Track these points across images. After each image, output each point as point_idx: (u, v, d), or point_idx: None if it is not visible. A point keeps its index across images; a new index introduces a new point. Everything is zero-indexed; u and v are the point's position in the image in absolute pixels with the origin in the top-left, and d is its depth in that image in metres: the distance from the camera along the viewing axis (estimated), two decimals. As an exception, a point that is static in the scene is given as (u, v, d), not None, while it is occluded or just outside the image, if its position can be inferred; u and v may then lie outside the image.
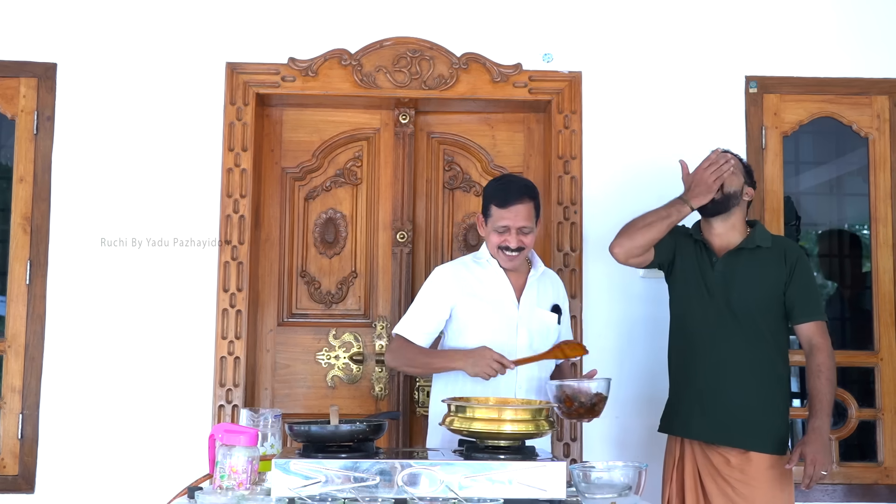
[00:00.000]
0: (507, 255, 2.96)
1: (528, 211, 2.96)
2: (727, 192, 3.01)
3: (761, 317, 2.99)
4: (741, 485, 2.94)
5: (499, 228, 2.95)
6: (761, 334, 2.99)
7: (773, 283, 3.01)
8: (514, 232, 2.93)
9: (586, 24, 3.83)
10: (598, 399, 2.73)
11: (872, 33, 3.86)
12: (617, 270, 3.70)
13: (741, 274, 3.01)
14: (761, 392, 2.98)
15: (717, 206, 3.02)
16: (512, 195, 2.95)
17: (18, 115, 3.69)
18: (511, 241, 2.94)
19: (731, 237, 3.06)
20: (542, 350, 2.96)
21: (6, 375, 3.60)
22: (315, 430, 2.34)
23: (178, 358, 3.62)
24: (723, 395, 2.97)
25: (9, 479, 3.57)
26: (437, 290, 3.02)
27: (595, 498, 2.29)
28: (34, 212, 3.65)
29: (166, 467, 3.48)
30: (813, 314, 3.01)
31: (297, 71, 3.74)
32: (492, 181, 3.16)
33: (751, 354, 2.98)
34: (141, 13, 3.74)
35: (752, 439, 2.95)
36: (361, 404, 3.77)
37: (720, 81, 3.81)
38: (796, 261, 3.02)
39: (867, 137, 3.84)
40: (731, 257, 3.03)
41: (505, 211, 2.94)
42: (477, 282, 3.01)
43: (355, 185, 3.90)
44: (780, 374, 3.02)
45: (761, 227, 3.12)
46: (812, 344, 2.99)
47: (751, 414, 2.96)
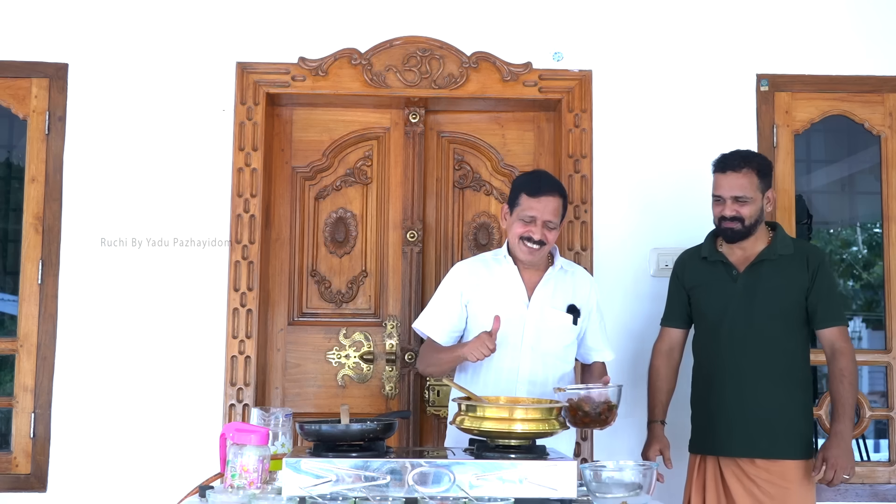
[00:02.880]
0: (528, 246, 2.93)
1: (557, 206, 2.94)
2: (748, 223, 3.01)
3: (785, 325, 3.01)
4: (768, 485, 2.96)
5: (525, 217, 2.92)
6: (785, 342, 3.01)
7: (796, 291, 3.02)
8: (540, 224, 2.91)
9: (596, 22, 3.82)
10: (605, 408, 2.62)
11: (884, 31, 3.84)
12: (628, 269, 3.70)
13: (764, 286, 3.02)
14: (788, 400, 3.00)
15: (737, 235, 3.04)
16: (544, 186, 2.95)
17: (30, 115, 3.70)
18: (535, 233, 2.91)
19: (755, 247, 3.07)
20: (551, 350, 2.95)
21: (18, 375, 3.61)
22: (326, 430, 2.34)
23: (189, 357, 3.63)
24: (752, 409, 2.98)
25: (21, 477, 3.58)
26: (450, 286, 3.04)
27: (606, 497, 2.27)
28: (46, 212, 3.66)
29: (177, 466, 3.49)
30: (835, 319, 3.01)
31: (308, 70, 3.74)
32: (523, 174, 3.19)
33: (776, 364, 2.99)
34: (152, 14, 3.75)
35: (783, 448, 2.98)
36: (372, 403, 3.77)
37: (731, 80, 3.80)
38: (818, 266, 3.02)
39: (879, 135, 3.82)
40: (753, 269, 3.04)
41: (535, 201, 2.92)
42: (490, 279, 3.00)
43: (365, 185, 3.90)
44: (803, 377, 3.05)
45: (782, 233, 3.12)
46: (835, 348, 3.00)
47: (780, 423, 2.98)
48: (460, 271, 3.06)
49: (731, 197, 3.01)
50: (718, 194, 3.05)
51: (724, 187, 3.02)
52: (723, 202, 3.03)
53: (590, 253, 3.71)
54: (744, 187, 3.00)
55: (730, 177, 3.02)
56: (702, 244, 3.19)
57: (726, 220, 3.02)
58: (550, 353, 2.96)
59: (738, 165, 3.03)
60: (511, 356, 2.93)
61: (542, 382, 2.92)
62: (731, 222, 3.02)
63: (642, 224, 3.72)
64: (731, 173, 3.02)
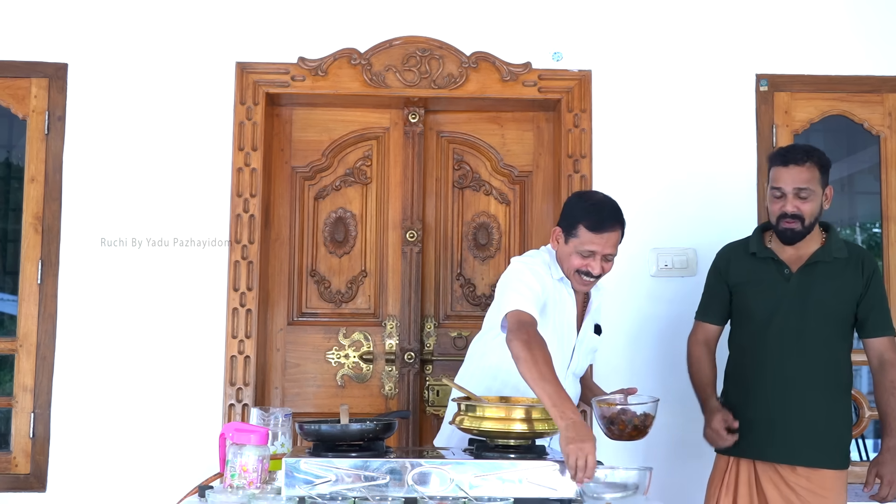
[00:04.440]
0: (584, 279, 2.76)
1: (618, 238, 2.75)
2: (808, 223, 2.89)
3: (835, 331, 2.91)
4: (808, 493, 2.86)
5: (584, 252, 2.72)
6: (834, 348, 2.91)
7: (849, 296, 2.92)
8: (600, 259, 2.73)
9: (596, 22, 3.82)
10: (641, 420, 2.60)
11: (884, 31, 3.84)
12: (627, 269, 3.69)
13: (818, 288, 2.90)
14: (833, 408, 2.91)
15: (796, 236, 2.91)
16: (607, 221, 2.71)
17: (30, 115, 3.70)
18: (594, 268, 2.73)
19: (808, 247, 2.94)
20: (581, 371, 2.88)
21: (18, 374, 3.61)
22: (325, 429, 2.34)
23: (189, 357, 3.63)
24: (797, 415, 2.88)
25: (20, 477, 3.58)
26: (534, 275, 2.72)
27: (603, 497, 2.29)
28: (45, 212, 3.66)
29: (177, 466, 3.50)
30: (886, 329, 2.93)
31: (307, 70, 3.74)
32: (581, 199, 2.83)
33: (824, 370, 2.89)
34: (151, 13, 3.75)
35: (826, 457, 2.88)
36: (371, 403, 3.77)
37: (730, 79, 3.80)
38: (872, 273, 2.93)
39: (879, 135, 3.82)
40: (808, 270, 2.92)
41: (597, 236, 2.70)
42: (552, 294, 2.77)
43: (365, 185, 3.90)
44: (845, 383, 2.95)
45: (836, 235, 2.98)
46: (884, 359, 2.91)
47: (825, 432, 2.89)
48: (537, 269, 2.74)
49: (794, 189, 2.86)
50: (779, 186, 2.89)
51: (787, 180, 2.87)
52: (784, 197, 2.87)
53: (589, 253, 3.71)
54: (807, 180, 2.86)
55: (792, 170, 2.87)
56: (748, 238, 3.05)
57: (787, 218, 2.87)
58: (580, 373, 2.93)
59: (800, 159, 2.88)
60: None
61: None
62: (792, 221, 2.87)
63: (642, 224, 3.71)
64: (794, 167, 2.87)
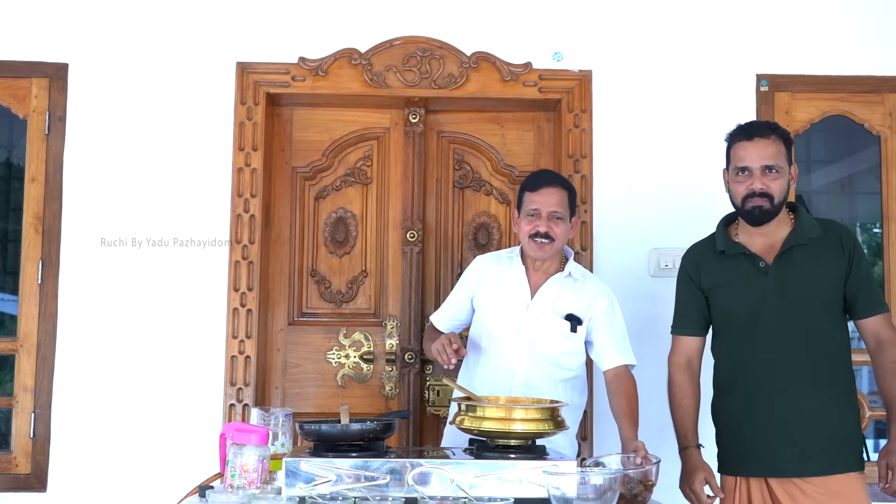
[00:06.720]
0: (537, 242, 2.88)
1: (560, 197, 2.92)
2: (777, 202, 2.63)
3: (827, 319, 2.65)
4: (830, 499, 2.61)
5: (529, 212, 2.91)
6: (829, 339, 2.65)
7: (833, 279, 2.64)
8: (545, 216, 2.88)
9: (596, 22, 3.82)
10: (641, 489, 2.44)
11: (884, 31, 3.84)
12: (627, 269, 3.70)
13: (799, 276, 2.63)
14: (839, 406, 2.65)
15: (765, 216, 2.64)
16: (543, 179, 2.97)
17: (30, 115, 3.70)
18: (541, 226, 2.87)
19: (778, 232, 2.68)
20: (547, 355, 2.91)
21: (18, 375, 3.61)
22: (326, 429, 2.34)
23: (189, 357, 3.63)
24: (802, 421, 2.61)
25: (21, 477, 3.58)
26: (463, 278, 3.11)
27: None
28: (46, 212, 3.66)
29: (177, 466, 3.50)
30: (878, 306, 2.66)
31: (308, 70, 3.74)
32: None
33: (823, 366, 2.63)
34: (152, 13, 3.75)
35: (842, 462, 2.63)
36: (372, 403, 3.77)
37: (731, 80, 3.80)
38: (853, 247, 2.65)
39: (879, 136, 3.82)
40: (784, 259, 2.65)
41: (535, 194, 2.91)
42: (500, 276, 3.00)
43: (365, 185, 3.90)
44: (850, 377, 2.68)
45: (804, 213, 2.72)
46: (881, 339, 2.64)
47: (835, 435, 2.62)
48: (476, 266, 3.09)
49: (761, 167, 2.61)
50: (744, 165, 2.63)
51: (752, 157, 2.61)
52: (749, 175, 2.62)
53: (589, 253, 3.71)
54: (775, 156, 2.61)
55: (758, 143, 2.61)
56: (712, 236, 2.81)
57: (754, 196, 2.61)
58: (547, 357, 2.93)
59: (766, 132, 2.63)
60: (507, 356, 2.93)
61: (538, 386, 2.90)
62: (760, 199, 2.60)
63: (642, 224, 3.72)
64: (760, 139, 2.61)
